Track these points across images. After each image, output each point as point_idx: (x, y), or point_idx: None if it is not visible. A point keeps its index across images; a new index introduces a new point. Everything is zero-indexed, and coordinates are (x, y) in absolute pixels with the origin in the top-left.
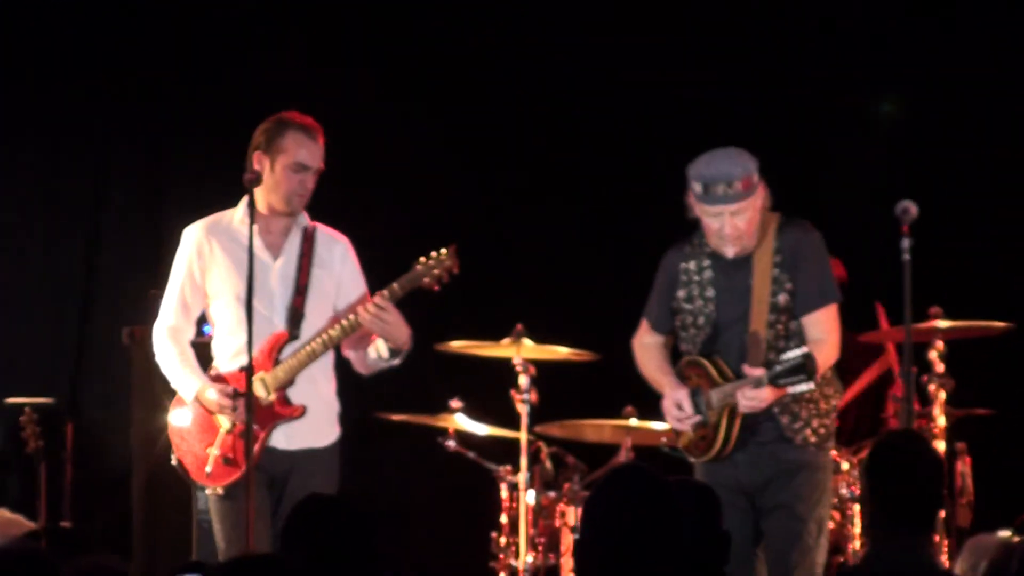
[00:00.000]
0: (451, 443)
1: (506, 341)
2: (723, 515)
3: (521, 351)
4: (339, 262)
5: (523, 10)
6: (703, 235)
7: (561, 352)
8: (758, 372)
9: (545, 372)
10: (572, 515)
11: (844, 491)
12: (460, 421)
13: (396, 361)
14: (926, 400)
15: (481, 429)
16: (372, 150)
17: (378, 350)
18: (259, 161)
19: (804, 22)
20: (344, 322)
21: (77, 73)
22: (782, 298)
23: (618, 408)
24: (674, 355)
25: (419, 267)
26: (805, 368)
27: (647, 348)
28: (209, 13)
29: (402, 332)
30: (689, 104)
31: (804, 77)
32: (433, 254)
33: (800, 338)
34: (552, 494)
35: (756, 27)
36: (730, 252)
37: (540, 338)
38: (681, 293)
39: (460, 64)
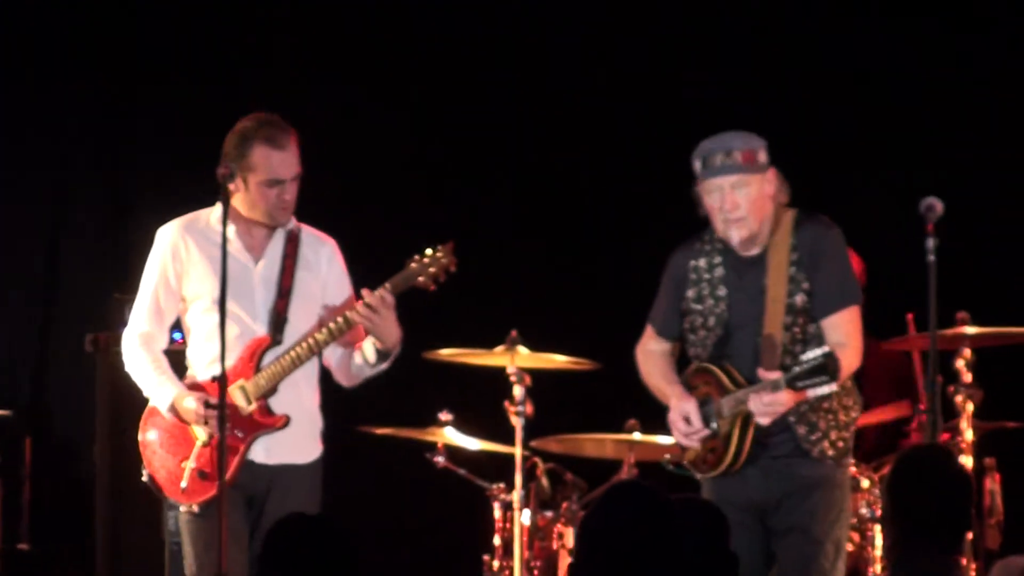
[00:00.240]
0: (440, 459)
1: (500, 349)
2: (731, 536)
3: (516, 359)
4: (325, 264)
5: (523, 12)
6: (714, 232)
7: (559, 360)
8: (774, 375)
9: (542, 382)
10: (570, 537)
11: (864, 511)
12: (450, 435)
13: (383, 366)
14: (952, 412)
15: (472, 444)
16: (362, 149)
17: (364, 355)
18: (232, 175)
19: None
20: (332, 325)
21: (39, 71)
22: (799, 299)
23: (620, 421)
24: (681, 362)
25: (413, 265)
26: (827, 368)
27: (652, 356)
28: (186, 5)
29: (395, 332)
30: (694, 101)
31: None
32: (428, 251)
33: (819, 342)
34: (549, 514)
35: (758, 20)
36: (735, 237)
37: (536, 345)
38: (691, 293)
39: (455, 63)
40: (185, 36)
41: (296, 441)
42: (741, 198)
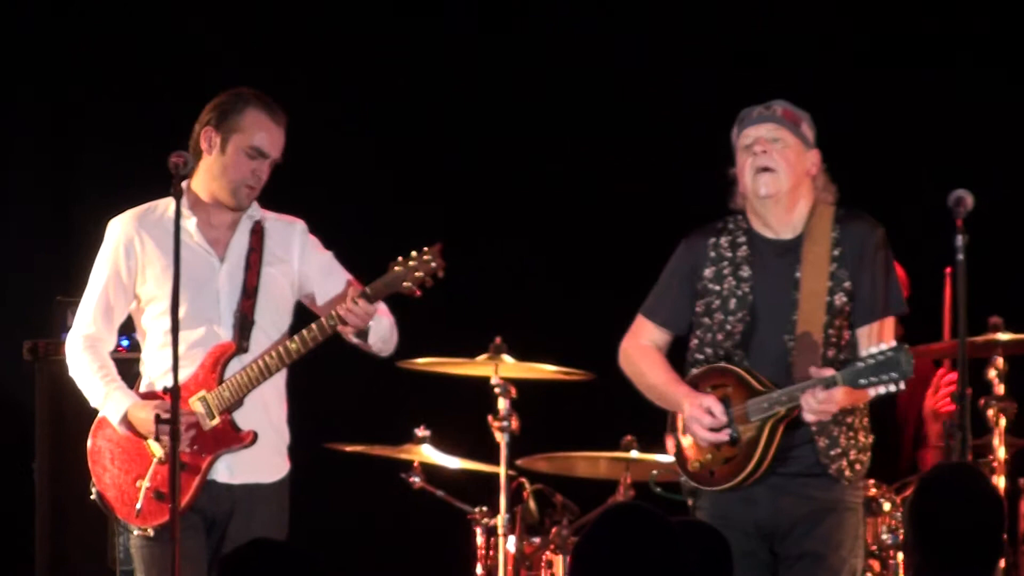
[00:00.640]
0: (416, 479)
1: (482, 357)
2: (735, 565)
3: (500, 369)
4: (298, 253)
5: (505, 13)
6: (738, 217)
7: (548, 370)
8: (828, 371)
9: (529, 394)
10: (560, 566)
11: (886, 536)
12: (427, 453)
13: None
14: (984, 427)
15: (452, 462)
16: (340, 146)
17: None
18: (208, 139)
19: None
20: (305, 333)
21: None
22: (839, 299)
23: (616, 437)
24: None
25: (397, 269)
26: (899, 364)
27: (649, 352)
28: None
29: (383, 325)
30: (690, 98)
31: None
32: (414, 254)
33: (852, 352)
34: (536, 540)
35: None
36: (763, 189)
37: (523, 354)
38: (708, 272)
39: (441, 65)
40: (128, 27)
41: (262, 459)
42: (775, 148)
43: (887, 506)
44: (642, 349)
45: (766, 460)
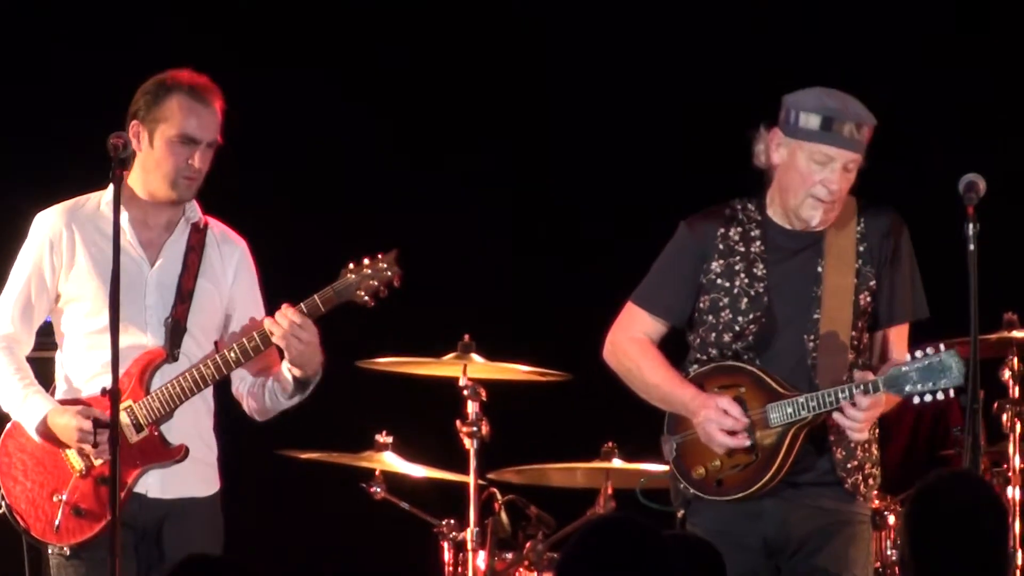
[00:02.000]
0: (378, 489)
1: (450, 357)
2: None
3: (469, 369)
4: (232, 273)
5: (472, 12)
6: (749, 200)
7: (521, 371)
8: (869, 375)
9: (500, 397)
10: None
11: (891, 552)
12: (390, 461)
13: (299, 398)
14: (997, 434)
15: (417, 471)
16: (299, 140)
17: (280, 383)
18: (136, 134)
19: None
20: (247, 342)
21: None
22: (864, 298)
23: (595, 444)
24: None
25: (350, 276)
26: (951, 370)
27: (646, 346)
28: None
29: (317, 358)
30: (679, 86)
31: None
32: (367, 260)
33: (868, 357)
34: (509, 555)
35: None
36: (815, 219)
37: (493, 353)
38: (717, 266)
39: (407, 60)
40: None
41: (195, 472)
42: (846, 183)
43: (892, 519)
44: (637, 343)
45: (784, 469)
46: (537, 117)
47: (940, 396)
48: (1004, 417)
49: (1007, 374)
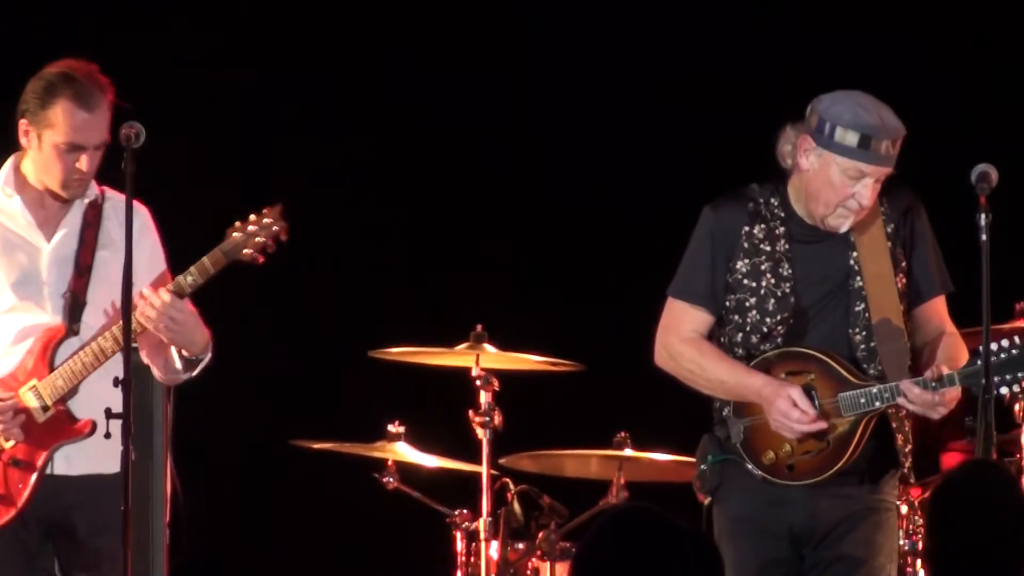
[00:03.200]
0: (390, 479)
1: (462, 347)
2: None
3: (482, 359)
4: (135, 239)
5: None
6: (771, 193)
7: (533, 361)
8: (943, 369)
9: (513, 387)
10: (547, 572)
11: (903, 542)
12: (402, 451)
13: (196, 372)
14: (1011, 423)
15: (430, 461)
16: (315, 140)
17: (172, 361)
18: (25, 132)
19: None
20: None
21: None
22: (900, 280)
23: (608, 434)
24: None
25: (236, 235)
26: None
27: (703, 344)
28: None
29: (197, 336)
30: (682, 75)
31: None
32: (253, 217)
33: (913, 341)
34: (521, 545)
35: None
36: (844, 227)
37: (506, 343)
38: (741, 265)
39: (423, 55)
40: None
41: (103, 449)
42: (876, 192)
43: (904, 509)
44: (690, 343)
45: (855, 457)
46: (545, 106)
47: (1017, 390)
48: (1016, 407)
49: None
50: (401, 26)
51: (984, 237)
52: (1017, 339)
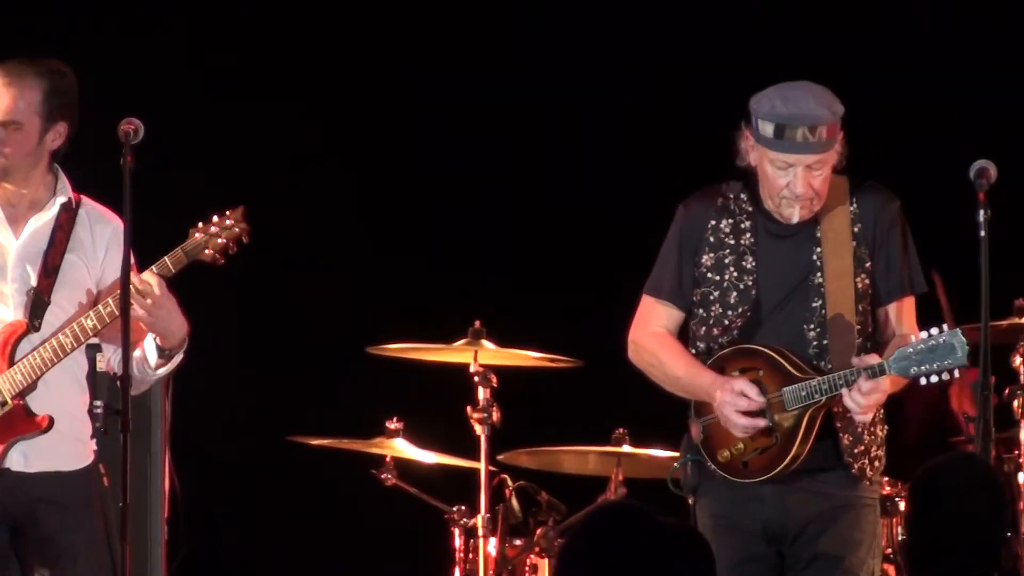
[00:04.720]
0: (388, 475)
1: (461, 343)
2: (738, 570)
3: (480, 355)
4: (103, 250)
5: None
6: (742, 188)
7: (532, 357)
8: (872, 358)
9: (511, 383)
10: (545, 569)
11: (903, 537)
12: (400, 447)
13: (168, 368)
14: (1009, 419)
15: (428, 457)
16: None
17: (145, 354)
18: None
19: None
20: (102, 308)
21: None
22: (860, 281)
23: (606, 431)
24: None
25: (198, 236)
26: (955, 351)
27: (665, 339)
28: None
29: (176, 325)
30: (684, 63)
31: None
32: (215, 218)
33: (875, 341)
34: (520, 542)
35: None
36: (794, 217)
37: (504, 339)
38: (706, 259)
39: (418, 48)
40: None
41: (62, 446)
42: (817, 180)
43: (903, 505)
44: (656, 337)
45: (803, 452)
46: (544, 104)
47: (946, 377)
48: (1015, 404)
49: (1018, 360)
50: (401, 26)
51: (983, 233)
52: (935, 330)
